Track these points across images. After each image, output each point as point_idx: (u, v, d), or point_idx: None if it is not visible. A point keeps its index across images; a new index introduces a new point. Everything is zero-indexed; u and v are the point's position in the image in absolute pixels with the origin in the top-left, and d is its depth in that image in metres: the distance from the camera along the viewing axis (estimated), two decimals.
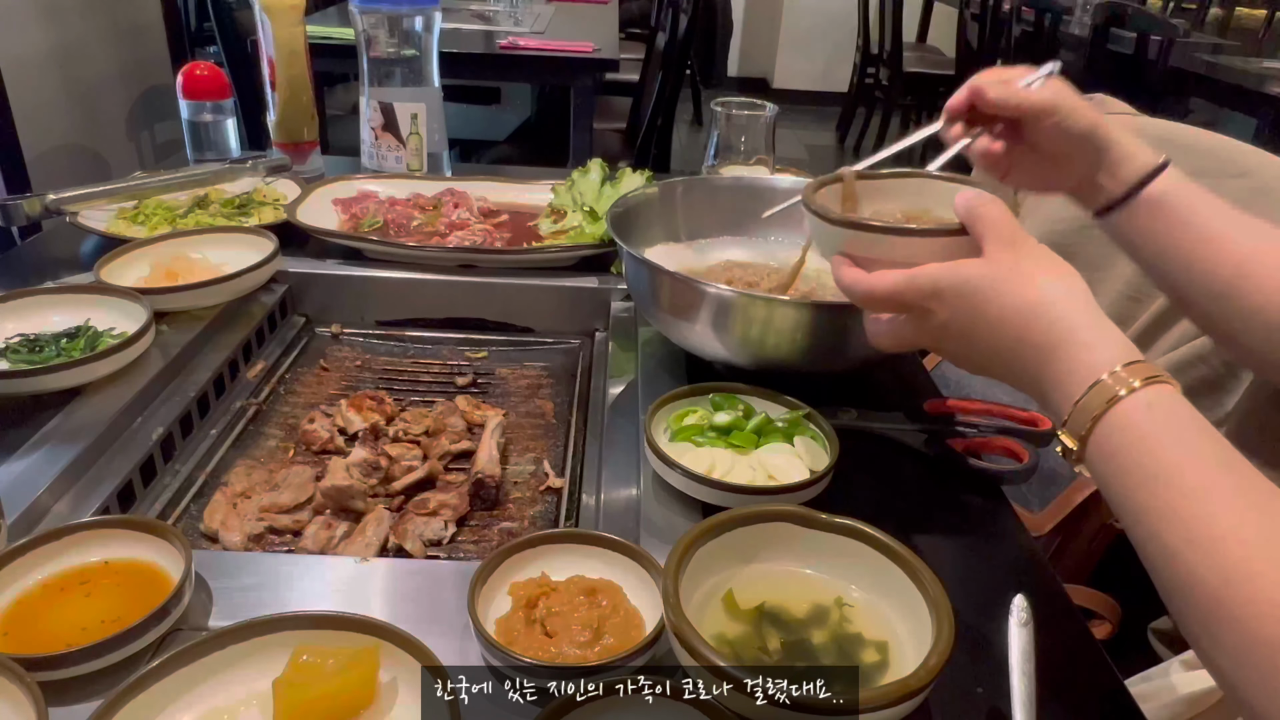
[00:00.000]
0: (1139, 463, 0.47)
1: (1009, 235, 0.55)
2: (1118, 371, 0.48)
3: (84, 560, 0.58)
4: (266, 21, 1.24)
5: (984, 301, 0.54)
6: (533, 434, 0.88)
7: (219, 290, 0.92)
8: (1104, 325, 0.51)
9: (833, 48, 5.86)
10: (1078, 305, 0.52)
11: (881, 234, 0.59)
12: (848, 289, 0.60)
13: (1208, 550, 0.42)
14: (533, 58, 2.36)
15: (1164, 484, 0.45)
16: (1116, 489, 0.48)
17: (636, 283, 0.85)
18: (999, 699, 0.52)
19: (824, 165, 4.93)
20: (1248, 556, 0.41)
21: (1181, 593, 0.44)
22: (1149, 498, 0.46)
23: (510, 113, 3.33)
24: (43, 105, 2.53)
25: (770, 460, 0.68)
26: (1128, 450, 0.47)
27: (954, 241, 0.57)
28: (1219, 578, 0.42)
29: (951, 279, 0.55)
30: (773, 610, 0.55)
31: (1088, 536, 0.96)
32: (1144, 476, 0.46)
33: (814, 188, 0.66)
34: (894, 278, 0.57)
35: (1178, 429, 0.47)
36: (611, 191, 1.10)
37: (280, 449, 0.84)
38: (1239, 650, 0.41)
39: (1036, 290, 0.53)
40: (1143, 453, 0.47)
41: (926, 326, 0.57)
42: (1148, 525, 0.45)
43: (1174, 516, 0.44)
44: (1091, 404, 0.49)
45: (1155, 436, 0.47)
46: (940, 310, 0.56)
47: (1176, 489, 0.45)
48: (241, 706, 0.49)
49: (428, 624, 0.54)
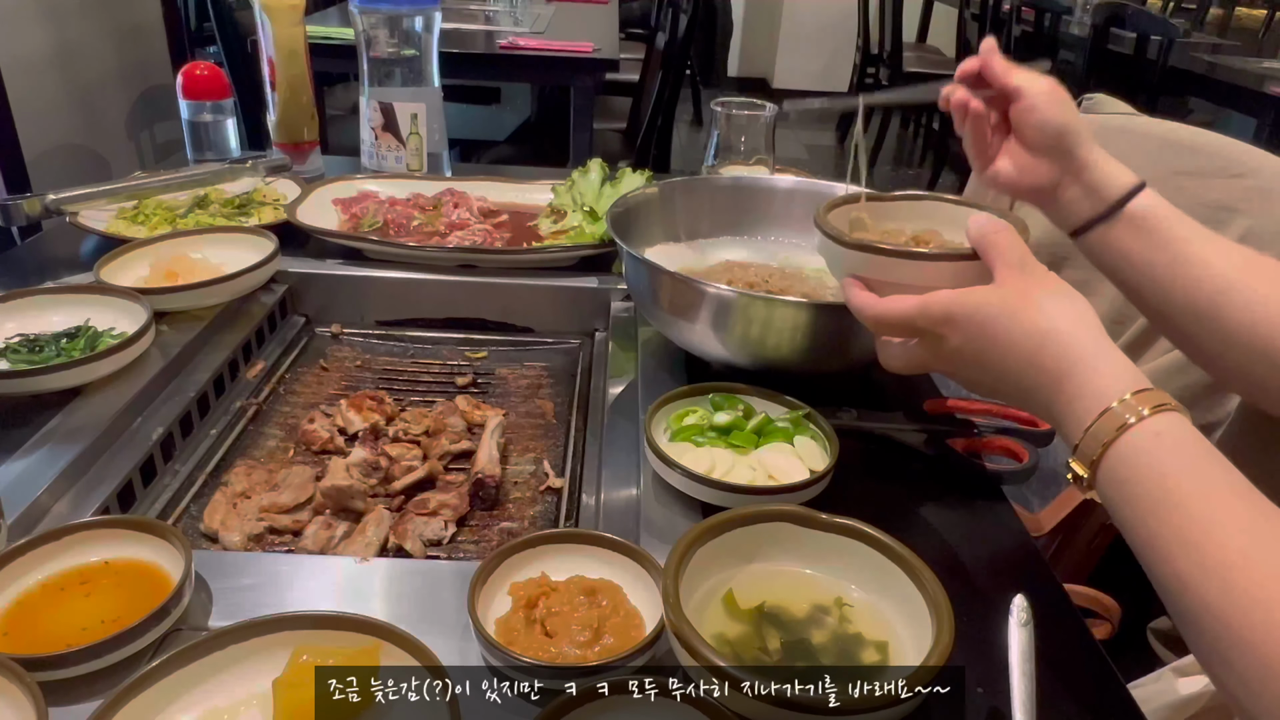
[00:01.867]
0: (1148, 490, 0.47)
1: (1019, 261, 0.56)
2: (1127, 399, 0.49)
3: (84, 560, 0.58)
4: (266, 21, 1.24)
5: (995, 329, 0.55)
6: (533, 434, 0.88)
7: (219, 290, 0.92)
8: (1112, 353, 0.52)
9: (833, 48, 5.86)
10: (1087, 333, 0.53)
11: (894, 257, 0.60)
12: (859, 312, 0.61)
13: (1218, 576, 0.43)
14: (533, 58, 2.36)
15: (1174, 510, 0.46)
16: (1127, 516, 0.48)
17: (636, 283, 0.85)
18: (999, 699, 0.52)
19: (824, 165, 4.93)
20: (1258, 582, 0.42)
21: (1193, 619, 0.44)
22: (1159, 525, 0.46)
23: (510, 113, 3.33)
24: (43, 105, 2.53)
25: (770, 460, 0.68)
26: (1137, 478, 0.48)
27: (965, 266, 0.58)
28: (1230, 604, 0.42)
29: (964, 307, 0.56)
30: (773, 610, 0.55)
31: (1088, 536, 0.96)
32: (1154, 504, 0.47)
33: (826, 208, 0.67)
34: (906, 304, 0.58)
35: (1187, 456, 0.47)
36: (611, 191, 1.10)
37: (280, 449, 0.84)
38: (1251, 676, 0.41)
39: (1047, 318, 0.53)
40: (1152, 480, 0.47)
41: (939, 352, 0.58)
42: (1158, 551, 0.46)
43: (1184, 543, 0.45)
44: (1101, 431, 0.49)
45: (1165, 464, 0.47)
46: (952, 336, 0.57)
47: (1186, 516, 0.45)
48: (241, 706, 0.49)
49: (428, 624, 0.54)
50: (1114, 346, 0.52)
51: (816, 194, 0.97)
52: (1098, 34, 3.14)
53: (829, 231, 0.63)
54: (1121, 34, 3.14)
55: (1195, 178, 0.99)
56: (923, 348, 0.59)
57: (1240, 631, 0.41)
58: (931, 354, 0.59)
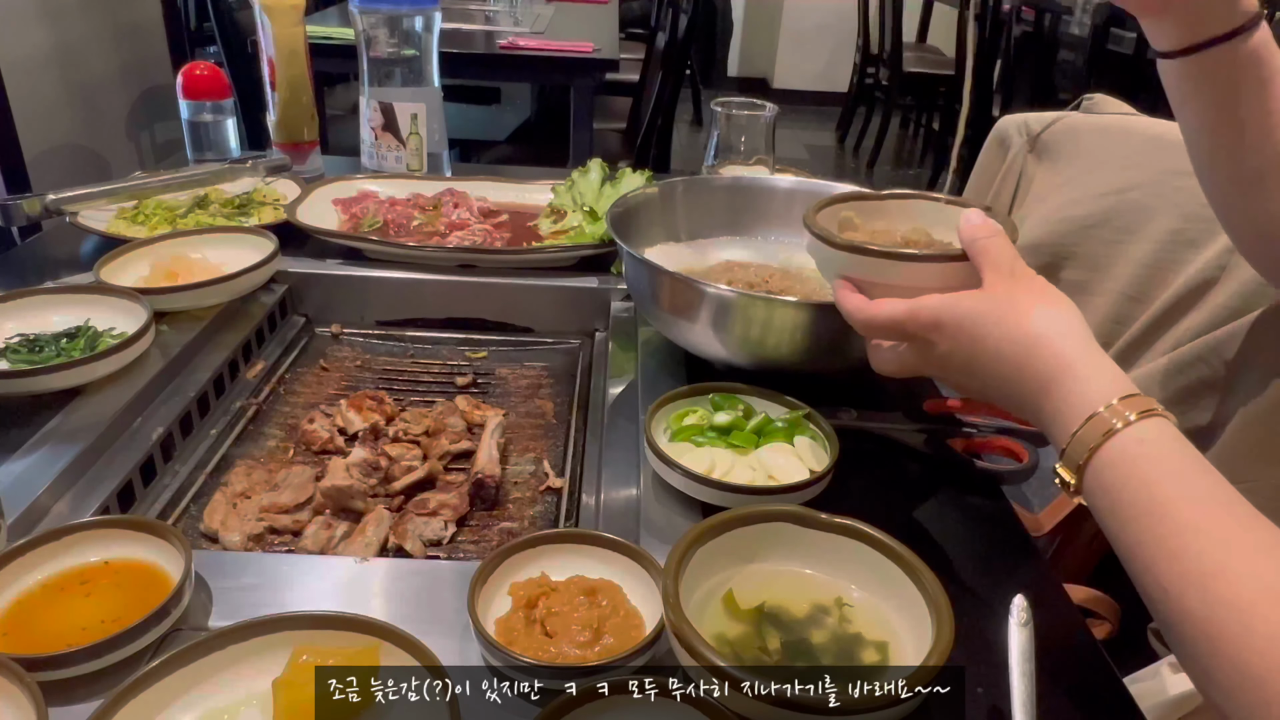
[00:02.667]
0: (1133, 497, 0.47)
1: (1008, 267, 0.56)
2: (1114, 404, 0.49)
3: (84, 560, 0.58)
4: (266, 21, 1.24)
5: (983, 335, 0.55)
6: (533, 434, 0.88)
7: (219, 290, 0.92)
8: (1100, 358, 0.52)
9: (833, 48, 5.87)
10: (1074, 339, 0.53)
11: (883, 259, 0.60)
12: (849, 315, 0.61)
13: (1200, 585, 0.43)
14: (533, 58, 2.36)
15: (1157, 519, 0.46)
16: (1112, 522, 0.48)
17: (636, 283, 0.85)
18: (999, 699, 0.52)
19: (824, 165, 4.94)
20: (1240, 592, 0.42)
21: (1176, 627, 0.44)
22: (1142, 532, 0.46)
23: (510, 113, 3.33)
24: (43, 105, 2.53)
25: (770, 460, 0.68)
26: (1123, 484, 0.48)
27: (954, 267, 0.58)
28: (1211, 613, 0.42)
29: (951, 313, 0.56)
30: (773, 610, 0.55)
31: (1088, 536, 0.96)
32: (1138, 511, 0.47)
33: (816, 208, 0.67)
34: (895, 308, 0.58)
35: (1172, 463, 0.47)
36: (611, 191, 1.10)
37: (280, 449, 0.84)
38: (1232, 684, 0.41)
39: (1032, 324, 0.54)
40: (1137, 487, 0.47)
41: (928, 356, 0.59)
42: (1142, 559, 0.46)
43: (1167, 552, 0.45)
44: (1087, 437, 0.49)
45: (1149, 471, 0.47)
46: (941, 342, 0.57)
47: (1170, 524, 0.45)
48: (241, 706, 0.49)
49: (428, 624, 0.54)
50: (1101, 352, 0.52)
51: (816, 194, 0.97)
52: (1098, 34, 3.14)
53: (818, 232, 0.63)
54: (1121, 34, 3.14)
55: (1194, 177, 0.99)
56: (913, 352, 0.60)
57: (1218, 641, 0.42)
58: (921, 358, 0.59)
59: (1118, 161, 1.10)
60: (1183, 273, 0.99)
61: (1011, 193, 1.25)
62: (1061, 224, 1.11)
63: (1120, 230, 1.07)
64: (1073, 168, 1.17)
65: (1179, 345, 0.98)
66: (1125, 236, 1.06)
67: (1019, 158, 1.24)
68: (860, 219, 0.70)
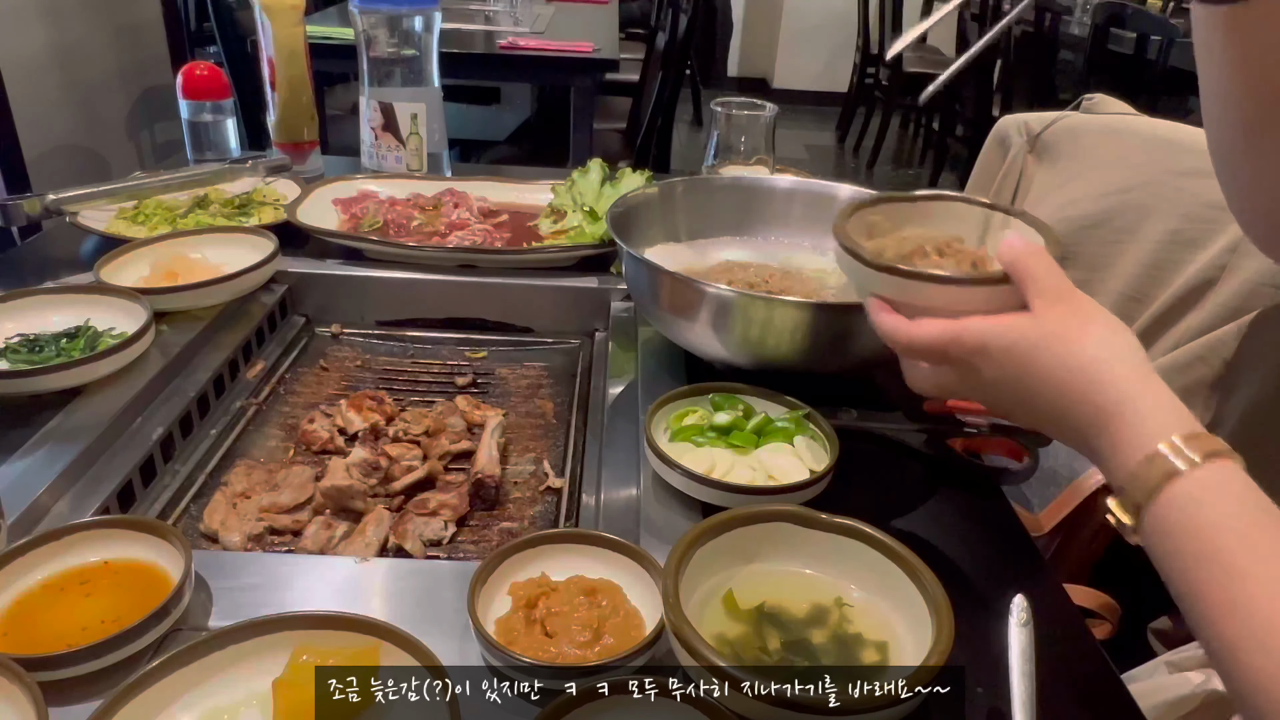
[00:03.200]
0: (1195, 546, 0.44)
1: (1056, 290, 0.53)
2: (1176, 443, 0.46)
3: (84, 560, 0.58)
4: (266, 21, 1.24)
5: (1033, 362, 0.52)
6: (533, 434, 0.88)
7: (219, 290, 0.92)
8: (1161, 391, 0.49)
9: (833, 48, 5.86)
10: (1134, 368, 0.50)
11: (923, 281, 0.56)
12: (887, 336, 0.58)
13: (1265, 644, 0.41)
14: (533, 58, 2.36)
15: (1222, 570, 0.43)
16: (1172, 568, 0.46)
17: (636, 283, 0.85)
18: (999, 699, 0.52)
19: (824, 165, 4.94)
20: None
21: (1241, 684, 0.42)
22: (1206, 584, 0.43)
23: (510, 113, 3.32)
24: (43, 105, 2.53)
25: (770, 460, 0.68)
26: (1184, 530, 0.45)
27: (998, 291, 0.55)
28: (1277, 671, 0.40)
29: (1000, 339, 0.53)
30: (773, 610, 0.55)
31: (1088, 536, 0.96)
32: (1200, 560, 0.44)
33: (845, 215, 0.63)
34: (938, 330, 0.55)
35: (1240, 512, 0.44)
36: (611, 191, 1.10)
37: (280, 449, 0.84)
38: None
39: (1086, 352, 0.51)
40: (1200, 536, 0.44)
41: (971, 381, 0.56)
42: (1202, 612, 0.44)
43: (1232, 605, 0.42)
44: (1148, 477, 0.46)
45: (1215, 518, 0.44)
46: (986, 368, 0.54)
47: (1237, 577, 0.43)
48: (241, 706, 0.49)
49: (428, 624, 0.54)
50: (1161, 383, 0.49)
51: (816, 194, 0.97)
52: (1098, 34, 3.14)
53: (850, 248, 0.59)
54: (1121, 34, 3.13)
55: (1195, 178, 1.00)
56: (954, 375, 0.57)
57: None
58: (963, 382, 0.56)
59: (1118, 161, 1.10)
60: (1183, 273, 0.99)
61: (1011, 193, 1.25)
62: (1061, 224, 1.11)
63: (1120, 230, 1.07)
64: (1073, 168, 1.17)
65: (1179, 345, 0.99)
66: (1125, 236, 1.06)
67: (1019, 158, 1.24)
68: (888, 223, 0.66)
